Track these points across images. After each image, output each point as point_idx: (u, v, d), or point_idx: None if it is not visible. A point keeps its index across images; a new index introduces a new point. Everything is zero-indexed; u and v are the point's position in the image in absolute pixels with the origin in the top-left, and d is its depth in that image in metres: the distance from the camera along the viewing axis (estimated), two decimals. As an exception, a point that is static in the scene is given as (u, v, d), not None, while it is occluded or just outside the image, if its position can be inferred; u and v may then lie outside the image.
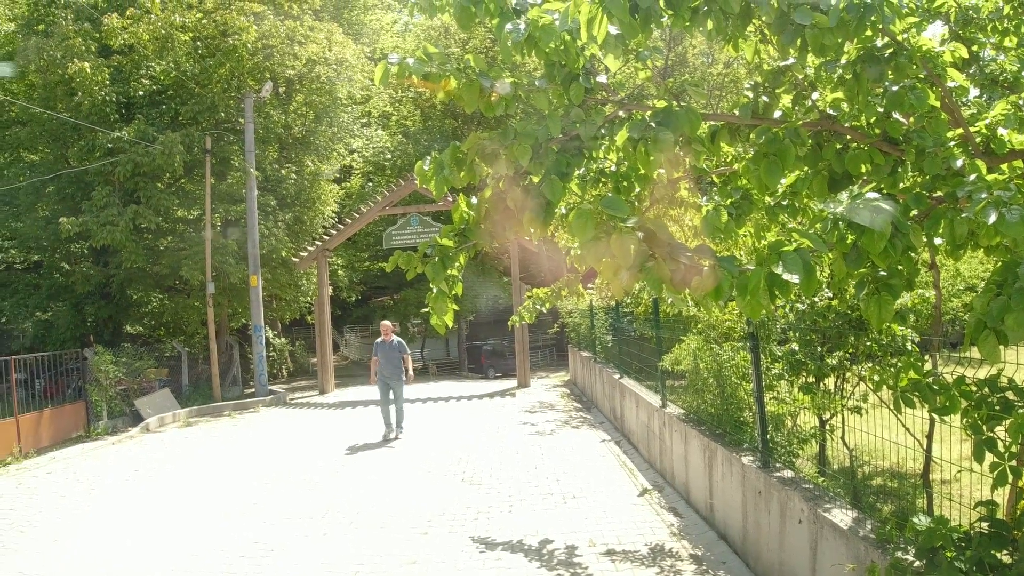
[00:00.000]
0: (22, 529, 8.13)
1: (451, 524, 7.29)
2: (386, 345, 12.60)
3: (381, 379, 12.52)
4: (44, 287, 20.05)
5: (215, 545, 7.04)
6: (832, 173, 3.79)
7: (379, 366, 12.56)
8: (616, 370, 12.64)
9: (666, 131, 3.44)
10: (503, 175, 3.92)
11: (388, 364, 12.56)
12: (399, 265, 4.43)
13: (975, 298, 2.62)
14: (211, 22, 18.80)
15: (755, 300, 2.64)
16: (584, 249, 3.01)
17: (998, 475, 2.99)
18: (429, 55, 3.66)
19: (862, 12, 3.06)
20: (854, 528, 4.01)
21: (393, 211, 21.12)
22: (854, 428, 5.50)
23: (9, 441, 12.65)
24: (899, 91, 3.44)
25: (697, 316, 7.45)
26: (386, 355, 12.55)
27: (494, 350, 29.44)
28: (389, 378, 12.54)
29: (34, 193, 19.31)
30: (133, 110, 19.10)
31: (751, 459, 5.69)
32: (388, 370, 12.55)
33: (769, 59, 4.01)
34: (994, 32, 5.00)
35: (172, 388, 18.30)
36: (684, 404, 8.10)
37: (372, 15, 34.74)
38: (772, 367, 5.86)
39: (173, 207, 19.02)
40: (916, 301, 5.31)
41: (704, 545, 6.21)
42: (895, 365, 3.69)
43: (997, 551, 2.91)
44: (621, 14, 3.06)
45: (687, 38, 28.85)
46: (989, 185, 2.76)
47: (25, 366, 14.67)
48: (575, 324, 18.64)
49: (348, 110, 24.90)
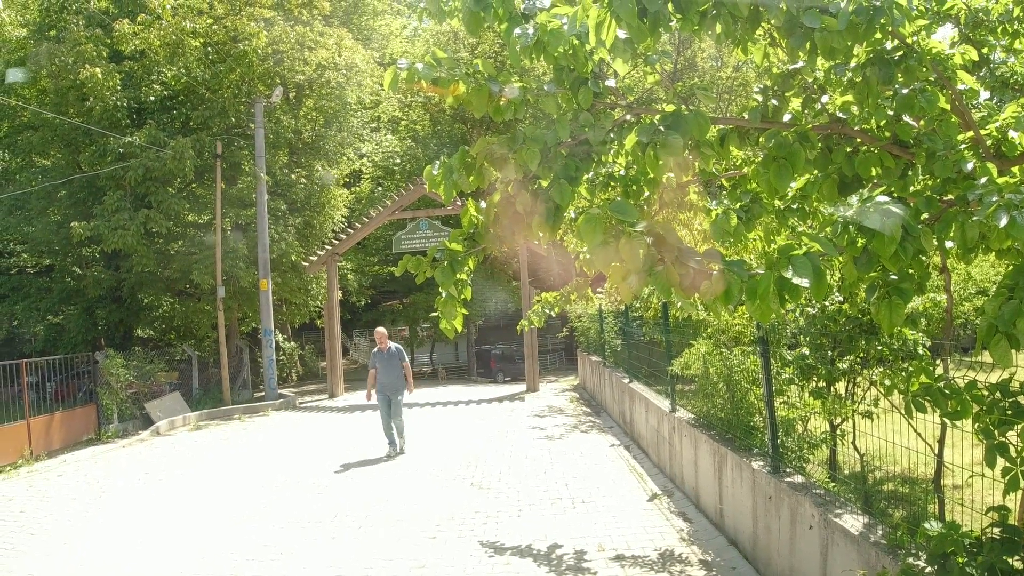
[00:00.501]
0: (32, 531, 8.17)
1: (460, 528, 7.29)
2: (383, 354, 11.50)
3: (382, 392, 11.40)
4: (55, 291, 20.19)
5: (224, 548, 7.05)
6: (842, 176, 3.78)
7: (379, 378, 11.47)
8: (625, 374, 12.62)
9: (675, 135, 3.43)
10: (512, 179, 3.92)
11: (388, 374, 11.46)
12: (408, 269, 4.43)
13: (986, 302, 2.61)
14: (221, 28, 18.93)
15: (765, 304, 2.63)
16: (593, 253, 3.00)
17: (1010, 480, 2.96)
18: (438, 60, 3.67)
19: (871, 15, 3.05)
20: (865, 534, 3.99)
21: (402, 215, 21.16)
22: (865, 433, 5.46)
23: (20, 444, 12.73)
24: (909, 94, 3.42)
25: (707, 320, 7.42)
26: (385, 365, 11.46)
27: (503, 354, 29.47)
28: (390, 389, 11.40)
29: (46, 198, 19.46)
30: (144, 115, 19.24)
31: (761, 464, 5.67)
32: (389, 381, 11.43)
33: (778, 62, 4.00)
34: (1004, 34, 4.97)
35: (182, 391, 18.39)
36: (694, 409, 8.07)
37: (381, 20, 34.87)
38: (782, 371, 5.84)
39: (184, 211, 19.14)
40: (927, 305, 5.28)
41: (714, 551, 6.18)
42: (906, 369, 3.67)
43: (1009, 557, 2.89)
44: (630, 18, 3.06)
45: (696, 42, 28.84)
46: (1000, 188, 2.74)
47: (36, 369, 14.76)
48: (584, 328, 18.61)
49: (358, 115, 25.00)
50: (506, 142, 3.79)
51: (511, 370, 27.44)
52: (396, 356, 11.55)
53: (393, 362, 11.47)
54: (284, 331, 26.58)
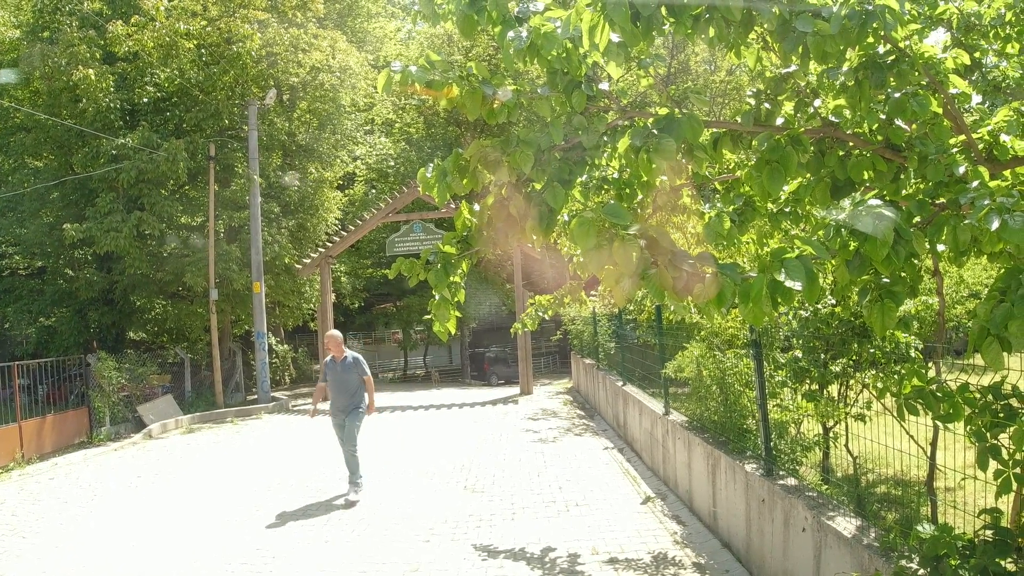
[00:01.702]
0: (24, 535, 8.12)
1: (453, 532, 7.28)
2: (338, 365, 8.94)
3: (334, 413, 8.98)
4: (48, 293, 20.09)
5: (217, 552, 7.02)
6: (834, 180, 3.79)
7: (331, 394, 8.99)
8: (619, 377, 12.63)
9: (668, 138, 3.44)
10: (505, 182, 3.92)
11: (342, 391, 8.87)
12: (402, 272, 4.43)
13: (978, 305, 2.62)
14: (215, 30, 18.89)
15: (758, 307, 2.63)
16: (586, 256, 3.00)
17: (1002, 482, 2.97)
18: (432, 63, 3.66)
19: (864, 19, 3.06)
20: (858, 536, 4.00)
21: (396, 218, 21.15)
22: (858, 436, 5.48)
23: (12, 447, 12.66)
24: (901, 98, 3.44)
25: (700, 323, 7.44)
26: (339, 379, 8.89)
27: (497, 357, 29.46)
28: (344, 409, 8.86)
29: (38, 199, 19.37)
30: (137, 117, 19.19)
31: (755, 467, 5.67)
32: (343, 399, 8.86)
33: (771, 66, 4.02)
34: (996, 38, 5.00)
35: (175, 394, 18.31)
36: (687, 411, 8.08)
37: (376, 23, 34.85)
38: (775, 374, 5.85)
39: (177, 214, 19.08)
40: (919, 308, 5.30)
41: (707, 553, 6.19)
42: (899, 372, 3.68)
43: (1002, 559, 2.89)
44: (623, 22, 3.06)
45: (689, 45, 28.90)
46: (992, 191, 2.75)
47: (28, 372, 14.70)
48: (578, 331, 18.62)
49: (351, 117, 24.96)
50: (500, 145, 3.79)
51: (505, 373, 27.43)
52: (353, 368, 8.97)
53: (350, 375, 8.92)
54: (277, 334, 26.53)
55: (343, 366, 8.91)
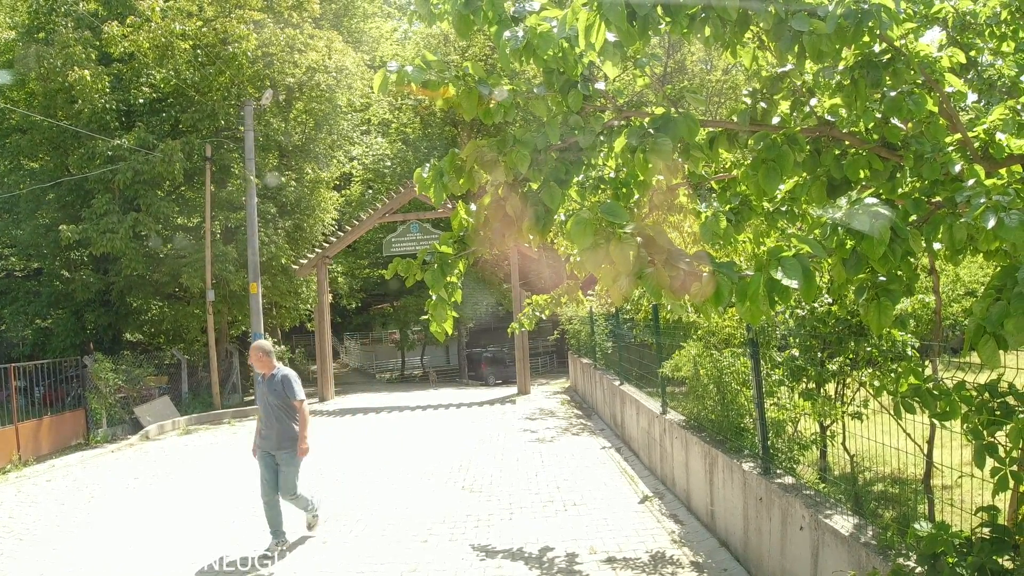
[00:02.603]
0: (21, 537, 8.11)
1: (451, 532, 7.27)
2: (264, 384, 7.04)
3: (260, 443, 7.08)
4: (44, 294, 20.04)
5: (215, 553, 7.01)
6: (831, 179, 3.79)
7: (260, 420, 7.13)
8: (616, 377, 12.63)
9: (665, 138, 3.44)
10: (502, 182, 3.92)
11: (268, 418, 6.96)
12: (399, 272, 4.43)
13: (975, 303, 2.62)
14: (211, 30, 18.86)
15: (754, 306, 2.64)
16: (583, 256, 3.00)
17: (999, 480, 2.98)
18: (428, 63, 3.66)
19: (860, 18, 3.06)
20: (855, 535, 4.00)
21: (393, 218, 21.15)
22: (855, 434, 5.49)
23: (8, 449, 12.63)
24: (897, 97, 3.44)
25: (697, 322, 7.44)
26: (264, 402, 7.03)
27: (494, 357, 29.46)
28: (272, 442, 6.94)
29: (34, 200, 19.33)
30: (133, 118, 19.16)
31: (752, 465, 5.68)
32: (269, 429, 6.96)
33: (767, 65, 4.01)
34: (992, 37, 5.00)
35: (172, 396, 18.28)
36: (685, 410, 8.09)
37: (372, 23, 34.87)
38: (772, 373, 5.86)
39: (173, 215, 19.04)
40: (916, 306, 5.31)
41: (705, 552, 6.19)
42: (895, 370, 3.68)
43: (999, 556, 2.90)
44: (619, 21, 3.06)
45: (685, 45, 28.92)
46: (988, 190, 2.76)
47: (24, 374, 14.67)
48: (575, 331, 18.63)
49: (348, 118, 24.94)
50: (496, 145, 3.79)
51: (502, 373, 27.43)
52: (280, 388, 6.95)
53: (277, 398, 6.95)
54: (274, 334, 26.47)
55: (269, 386, 6.99)
